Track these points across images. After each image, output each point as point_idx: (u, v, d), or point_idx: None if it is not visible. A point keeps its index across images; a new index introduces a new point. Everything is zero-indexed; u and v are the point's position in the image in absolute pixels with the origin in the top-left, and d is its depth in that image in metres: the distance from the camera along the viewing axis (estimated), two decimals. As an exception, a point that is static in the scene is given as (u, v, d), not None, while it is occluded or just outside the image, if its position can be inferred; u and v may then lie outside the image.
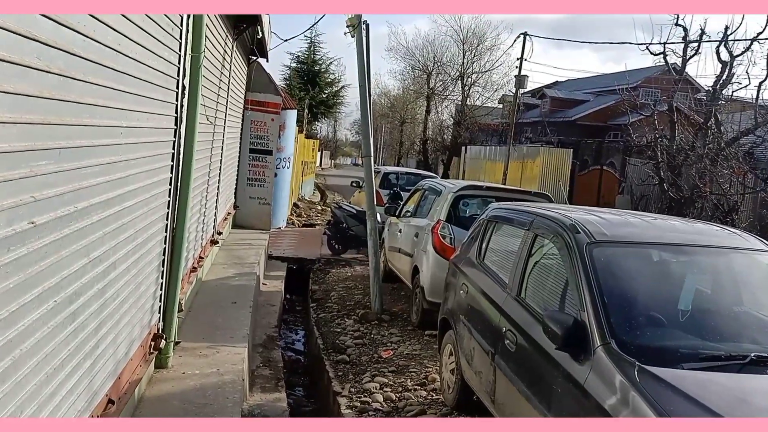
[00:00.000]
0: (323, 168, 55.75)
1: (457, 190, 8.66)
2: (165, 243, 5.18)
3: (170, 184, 5.15)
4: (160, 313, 5.26)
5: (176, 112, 5.12)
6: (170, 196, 5.18)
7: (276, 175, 13.98)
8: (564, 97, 44.73)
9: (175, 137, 5.15)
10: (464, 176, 33.14)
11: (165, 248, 5.19)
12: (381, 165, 34.20)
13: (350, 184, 19.67)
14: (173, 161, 5.15)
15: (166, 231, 5.19)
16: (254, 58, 12.81)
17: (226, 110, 9.36)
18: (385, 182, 16.47)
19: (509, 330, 4.46)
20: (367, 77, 9.29)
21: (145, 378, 4.77)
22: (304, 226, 17.65)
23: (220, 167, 9.41)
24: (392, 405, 5.85)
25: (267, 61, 13.69)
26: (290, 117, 15.35)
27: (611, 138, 33.27)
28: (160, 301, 5.23)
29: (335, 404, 5.96)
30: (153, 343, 4.99)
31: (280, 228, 15.57)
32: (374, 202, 9.32)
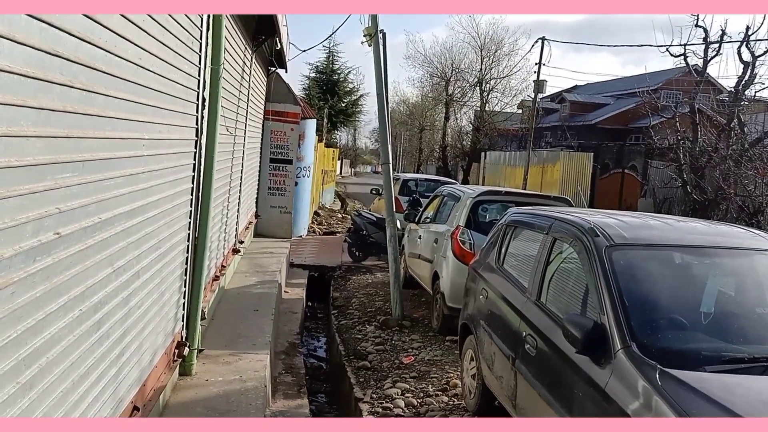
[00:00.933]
0: (343, 176, 55.96)
1: (476, 196, 8.66)
2: (187, 252, 5.25)
3: (192, 194, 5.23)
4: (184, 321, 5.33)
5: (197, 124, 5.20)
6: (192, 206, 5.25)
7: (296, 184, 14.08)
8: (584, 101, 44.48)
9: (196, 148, 5.23)
10: (484, 182, 33.08)
11: (187, 257, 5.26)
12: (401, 172, 34.25)
13: (370, 192, 19.73)
14: (194, 172, 5.23)
15: (189, 240, 5.26)
16: (273, 69, 12.94)
17: (246, 121, 9.46)
18: (405, 189, 16.50)
19: (529, 334, 4.46)
20: (385, 85, 9.35)
21: (170, 385, 4.84)
22: (325, 234, 17.72)
23: (241, 177, 9.51)
24: (414, 411, 5.86)
25: (286, 72, 13.83)
26: (310, 126, 15.46)
27: (632, 141, 33.03)
28: (183, 310, 5.30)
29: (357, 410, 5.98)
30: (177, 351, 5.06)
31: (301, 236, 15.66)
32: (393, 209, 9.36)
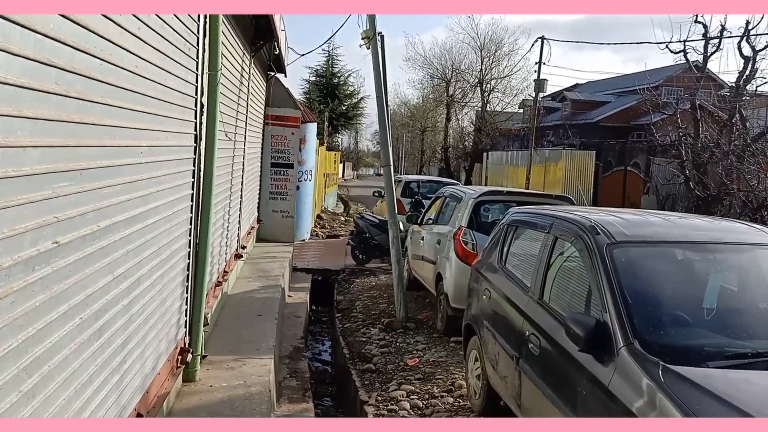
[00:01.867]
0: (345, 179, 56.01)
1: (478, 196, 8.66)
2: (189, 258, 5.25)
3: (192, 201, 5.23)
4: (186, 328, 5.33)
5: (195, 130, 5.21)
6: (192, 212, 5.25)
7: (298, 188, 14.10)
8: (585, 99, 44.44)
9: (195, 154, 5.24)
10: (486, 182, 33.06)
11: (189, 263, 5.26)
12: (403, 174, 34.26)
13: (372, 194, 19.73)
14: (194, 178, 5.24)
15: (190, 246, 5.26)
16: (272, 74, 12.96)
17: (246, 126, 9.47)
18: (407, 191, 16.49)
19: (533, 334, 4.45)
20: (385, 88, 9.35)
21: (173, 392, 4.84)
22: (328, 238, 17.73)
23: (242, 182, 9.52)
24: (419, 413, 5.85)
25: (285, 76, 13.86)
26: (310, 130, 15.47)
27: (634, 138, 32.94)
28: (186, 316, 5.30)
29: (362, 413, 5.97)
30: (180, 357, 5.06)
31: (304, 240, 15.67)
32: (395, 211, 9.36)
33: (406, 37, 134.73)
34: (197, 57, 5.12)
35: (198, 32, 5.10)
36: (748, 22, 15.86)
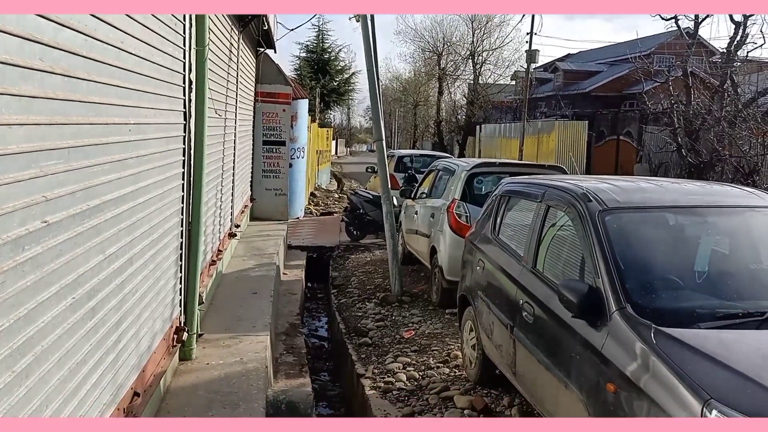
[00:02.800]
0: (339, 156, 55.85)
1: (471, 168, 8.65)
2: (182, 237, 5.24)
3: (183, 179, 5.20)
4: (182, 307, 5.34)
5: (185, 107, 5.16)
6: (184, 191, 5.23)
7: (291, 166, 14.03)
8: (577, 69, 44.29)
9: (185, 132, 5.20)
10: (480, 155, 33.03)
11: (182, 242, 5.25)
12: (396, 149, 34.17)
13: (365, 170, 19.69)
14: (185, 156, 5.20)
15: (183, 225, 5.25)
16: (262, 50, 12.82)
17: (236, 103, 9.40)
18: (400, 165, 16.44)
19: (526, 302, 4.48)
20: (375, 62, 9.29)
21: (170, 370, 4.86)
22: (322, 215, 17.73)
23: (234, 160, 9.47)
24: (416, 384, 5.90)
25: (275, 52, 13.72)
26: (302, 107, 15.38)
27: (627, 107, 32.90)
28: (181, 295, 5.30)
29: (359, 386, 6.03)
30: (176, 336, 5.07)
31: (298, 218, 15.66)
32: (389, 186, 9.35)
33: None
34: (184, 32, 5.06)
35: (184, 12, 5.03)
36: (739, -13, 15.75)
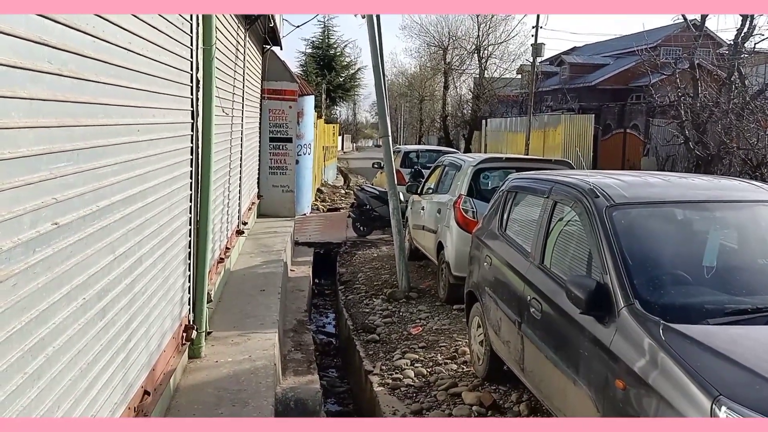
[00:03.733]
0: (345, 152, 55.85)
1: (477, 164, 8.64)
2: (190, 236, 5.26)
3: (191, 178, 5.23)
4: (190, 305, 5.37)
5: (192, 106, 5.18)
6: (192, 190, 5.25)
7: (297, 162, 14.06)
8: (583, 62, 44.12)
9: (193, 131, 5.21)
10: (486, 150, 33.01)
11: (190, 241, 5.28)
12: (402, 144, 34.15)
13: (372, 166, 19.69)
14: (192, 155, 5.22)
15: (191, 224, 5.27)
16: (268, 47, 12.84)
17: (243, 101, 9.42)
18: (406, 161, 16.44)
19: (534, 298, 4.48)
20: (381, 57, 9.27)
21: (180, 368, 4.89)
22: (329, 211, 17.74)
23: (241, 158, 9.50)
24: (424, 380, 5.91)
25: (281, 49, 13.73)
26: (308, 103, 15.38)
27: (633, 100, 32.78)
28: (189, 293, 5.33)
29: (368, 383, 6.04)
30: (185, 335, 5.10)
31: (305, 214, 15.67)
32: (395, 182, 9.35)
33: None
34: (191, 31, 5.08)
35: (191, 12, 5.04)
36: (746, -22, 15.65)
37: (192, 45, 5.12)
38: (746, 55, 16.47)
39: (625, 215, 4.05)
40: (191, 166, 5.22)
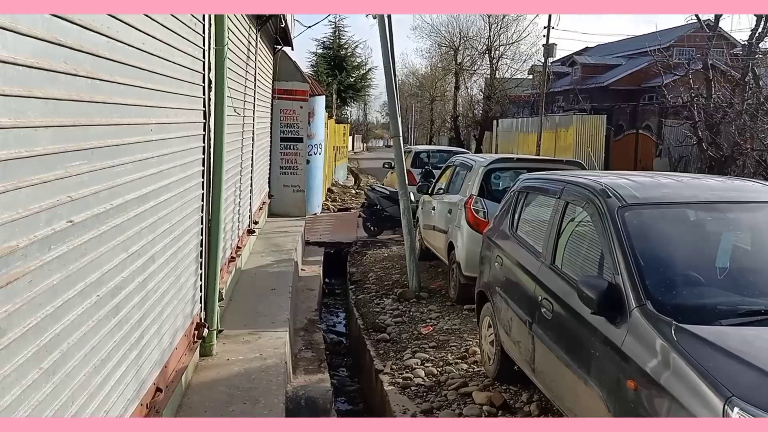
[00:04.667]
0: (355, 152, 55.88)
1: (488, 164, 8.64)
2: (202, 235, 5.29)
3: (203, 177, 5.26)
4: (202, 303, 5.40)
5: (204, 106, 5.21)
6: (204, 189, 5.28)
7: (308, 162, 14.10)
8: (595, 63, 43.91)
9: (205, 131, 5.24)
10: (497, 150, 32.94)
11: (202, 240, 5.31)
12: (413, 145, 34.15)
13: (383, 166, 19.69)
14: (204, 154, 5.25)
15: (202, 223, 5.30)
16: (279, 47, 12.88)
17: (254, 101, 9.46)
18: (417, 161, 16.45)
19: (545, 298, 4.48)
20: (392, 58, 9.28)
21: (191, 366, 4.92)
22: (340, 211, 17.77)
23: (252, 158, 9.54)
24: (434, 379, 5.92)
25: (292, 49, 13.78)
26: (319, 103, 15.42)
27: (646, 101, 32.62)
28: (201, 292, 5.36)
29: (378, 382, 6.05)
30: (196, 332, 5.13)
31: (316, 214, 15.71)
32: (406, 182, 9.36)
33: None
34: (204, 32, 5.11)
35: (202, 12, 5.07)
36: (760, -22, 15.54)
37: (204, 45, 5.16)
38: (761, 56, 16.35)
39: (637, 216, 4.04)
40: (203, 166, 5.25)
